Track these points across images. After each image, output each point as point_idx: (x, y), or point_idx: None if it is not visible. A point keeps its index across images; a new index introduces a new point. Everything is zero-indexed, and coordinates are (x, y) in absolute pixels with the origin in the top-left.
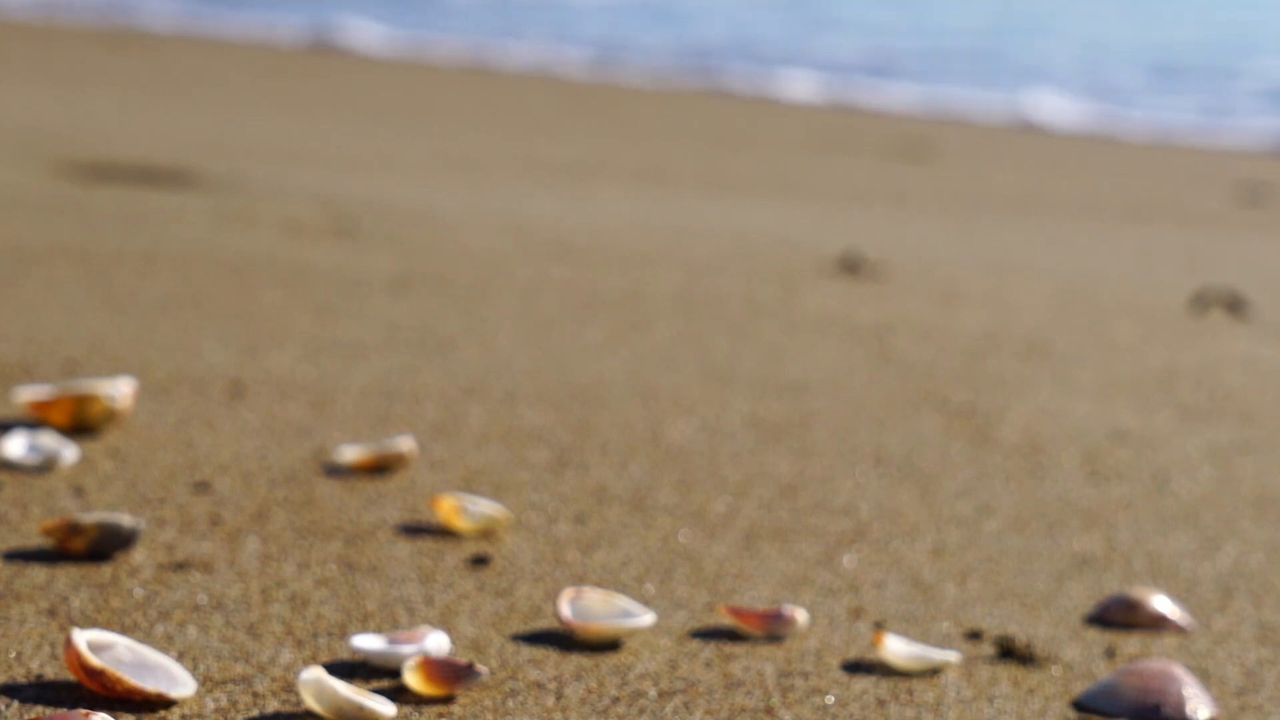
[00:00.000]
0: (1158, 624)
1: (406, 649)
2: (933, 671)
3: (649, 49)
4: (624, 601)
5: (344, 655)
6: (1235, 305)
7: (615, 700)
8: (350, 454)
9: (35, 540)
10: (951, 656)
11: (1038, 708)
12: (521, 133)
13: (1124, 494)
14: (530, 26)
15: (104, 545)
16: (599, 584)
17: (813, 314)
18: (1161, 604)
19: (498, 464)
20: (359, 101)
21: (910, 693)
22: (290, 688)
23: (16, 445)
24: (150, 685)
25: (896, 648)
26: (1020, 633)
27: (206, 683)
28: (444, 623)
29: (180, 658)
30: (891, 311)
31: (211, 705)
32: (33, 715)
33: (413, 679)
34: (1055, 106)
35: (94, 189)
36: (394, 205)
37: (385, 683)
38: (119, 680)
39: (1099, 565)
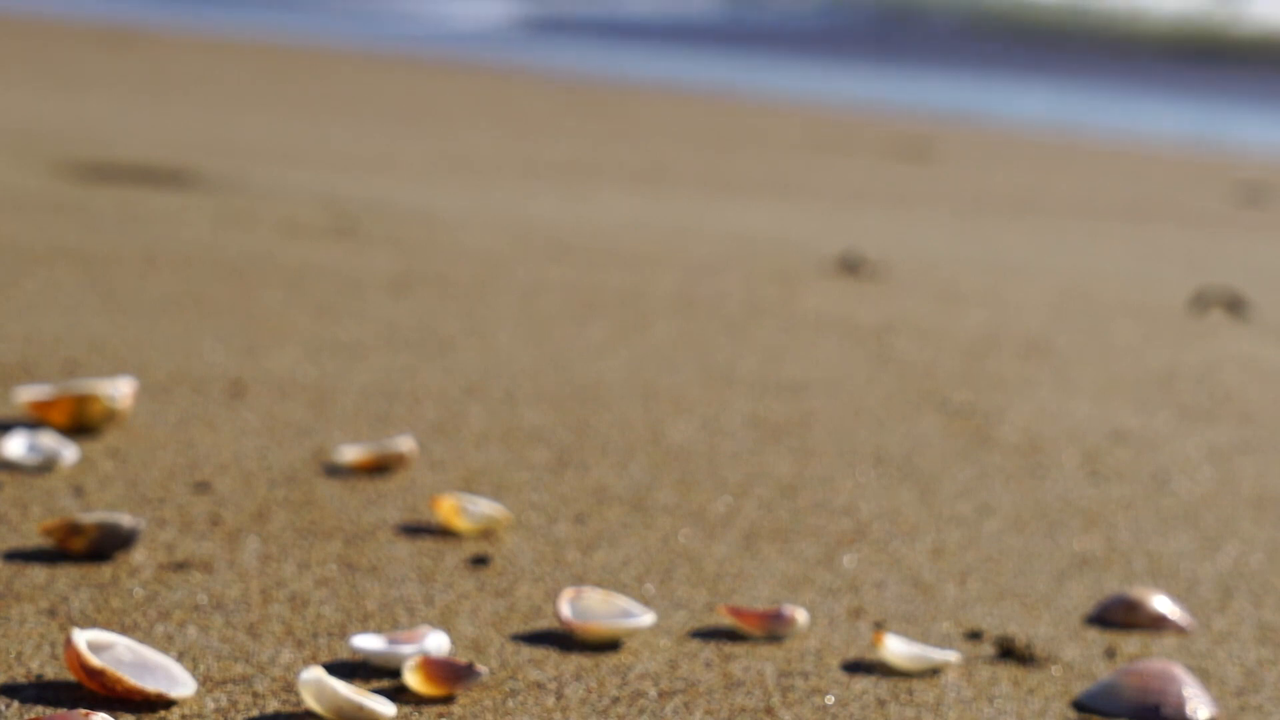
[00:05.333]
0: (1158, 624)
1: (406, 649)
2: (933, 671)
3: None
4: (624, 601)
5: (344, 655)
6: (1235, 305)
7: (615, 700)
8: (350, 454)
9: (35, 540)
10: (951, 656)
11: (1038, 708)
12: (521, 133)
13: (1124, 494)
14: None
15: (104, 545)
16: (599, 584)
17: (813, 314)
18: (1161, 604)
19: (498, 464)
20: (359, 101)
21: (910, 693)
22: (290, 688)
23: (16, 445)
24: (150, 685)
25: (896, 648)
26: (1020, 633)
27: (206, 683)
28: (444, 623)
29: (180, 658)
30: (891, 311)
31: (211, 705)
32: (33, 715)
33: (413, 679)
34: None
35: (94, 189)
36: (394, 205)
37: (385, 683)
38: (119, 680)
39: (1099, 565)
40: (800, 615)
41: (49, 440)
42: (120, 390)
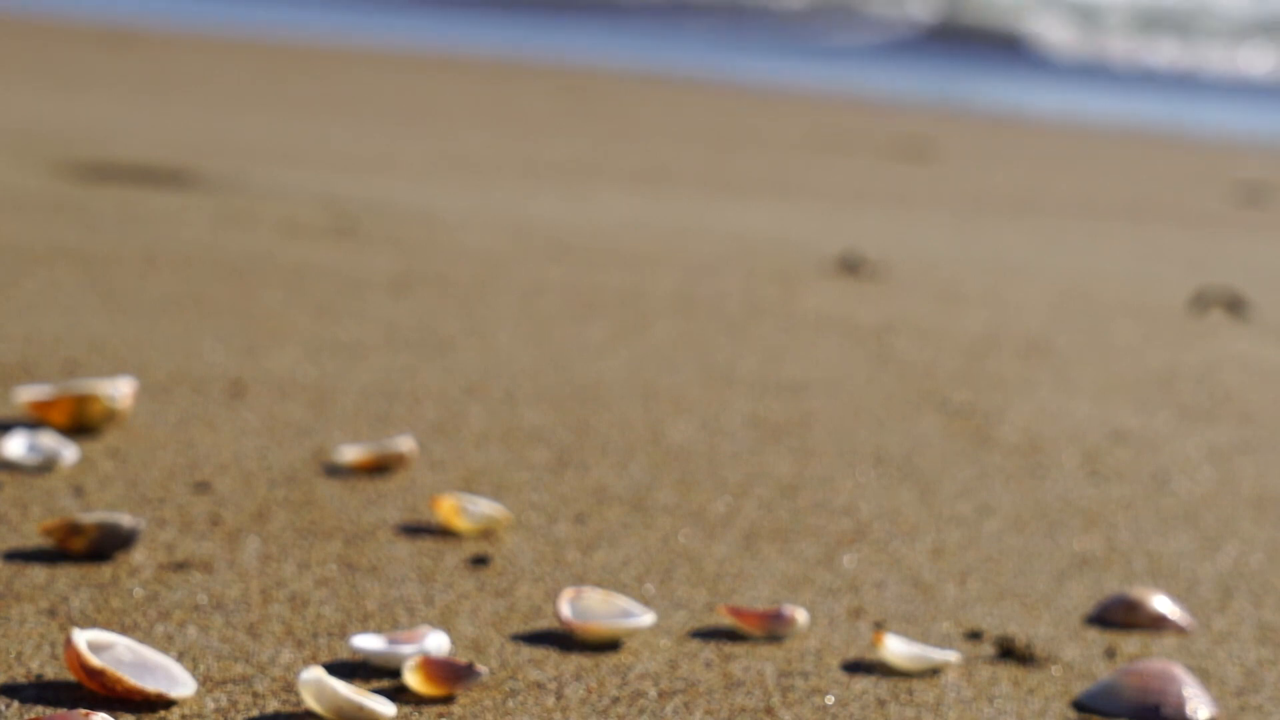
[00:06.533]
0: (1158, 624)
1: (406, 649)
2: (933, 671)
3: None
4: (624, 601)
5: (344, 655)
6: (1235, 305)
7: (615, 700)
8: (350, 454)
9: (35, 540)
10: (951, 656)
11: (1038, 708)
12: (521, 133)
13: (1124, 494)
14: None
15: (104, 545)
16: (599, 584)
17: (812, 314)
18: (1161, 604)
19: (498, 464)
20: (359, 101)
21: (910, 693)
22: (290, 688)
23: (16, 445)
24: (150, 685)
25: (896, 648)
26: (1020, 633)
27: (206, 683)
28: (444, 623)
29: (180, 658)
30: (891, 311)
31: (211, 705)
32: (33, 715)
33: (413, 679)
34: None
35: (94, 189)
36: (394, 205)
37: (385, 683)
38: (119, 680)
39: (1099, 565)
40: (800, 615)
41: (49, 440)
42: (120, 390)
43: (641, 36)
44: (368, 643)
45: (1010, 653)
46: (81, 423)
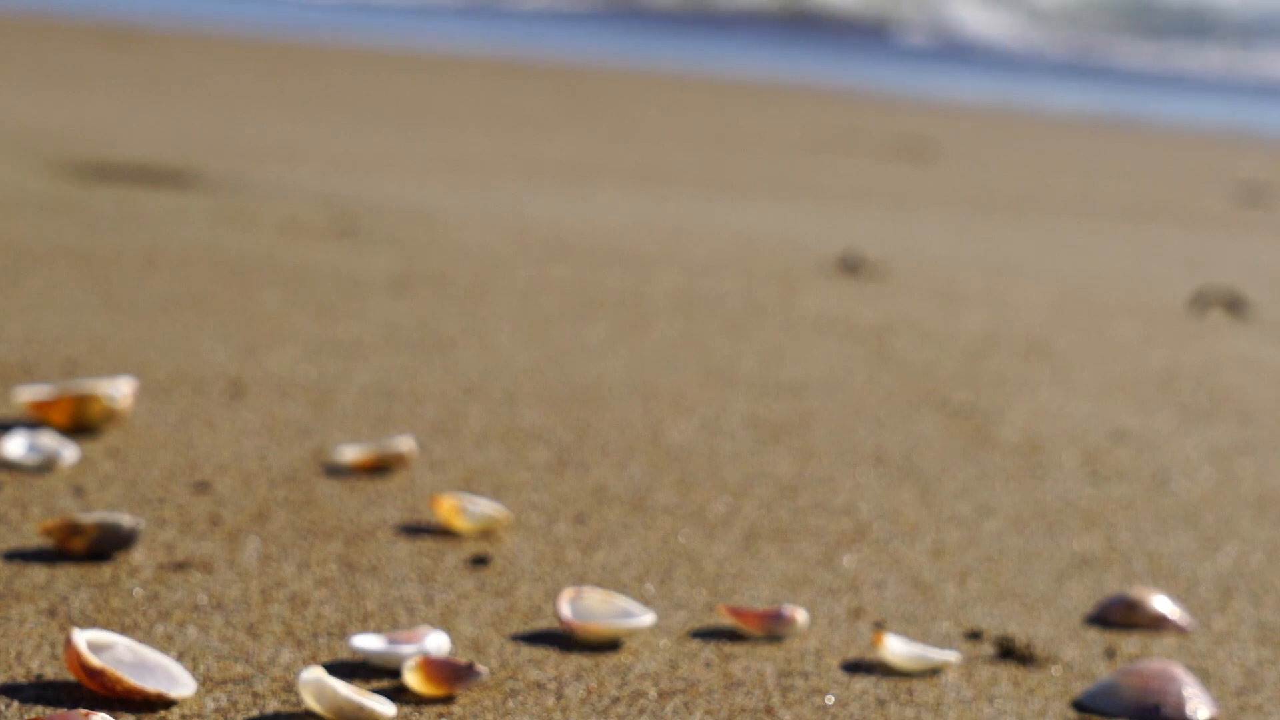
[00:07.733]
0: (1158, 624)
1: (406, 649)
2: (933, 671)
3: None
4: (624, 601)
5: (344, 655)
6: (1235, 305)
7: (615, 700)
8: (350, 454)
9: (35, 540)
10: (951, 656)
11: (1038, 708)
12: (521, 133)
13: (1124, 494)
14: None
15: (104, 545)
16: (599, 584)
17: (813, 314)
18: (1161, 604)
19: (498, 464)
20: (359, 101)
21: (910, 693)
22: (290, 688)
23: (16, 445)
24: (150, 685)
25: (896, 648)
26: (1020, 633)
27: (206, 683)
28: (444, 623)
29: (180, 658)
30: (891, 311)
31: (211, 705)
32: (33, 715)
33: (413, 679)
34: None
35: (94, 189)
36: (394, 205)
37: (385, 683)
38: (119, 680)
39: (1099, 565)
40: (800, 615)
41: (49, 440)
42: (120, 390)
43: (643, 36)
44: (368, 643)
45: (1010, 653)
46: (81, 423)
